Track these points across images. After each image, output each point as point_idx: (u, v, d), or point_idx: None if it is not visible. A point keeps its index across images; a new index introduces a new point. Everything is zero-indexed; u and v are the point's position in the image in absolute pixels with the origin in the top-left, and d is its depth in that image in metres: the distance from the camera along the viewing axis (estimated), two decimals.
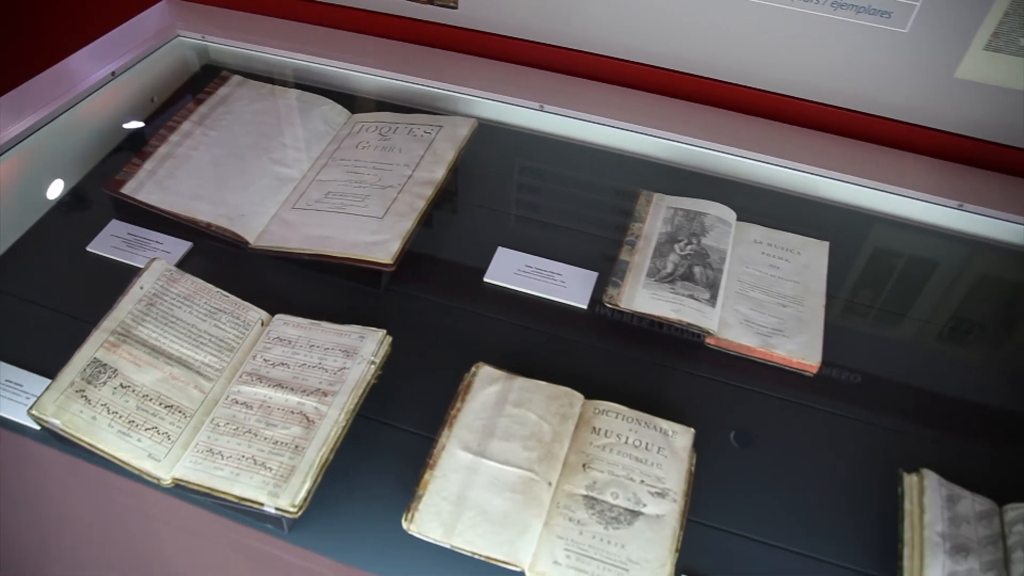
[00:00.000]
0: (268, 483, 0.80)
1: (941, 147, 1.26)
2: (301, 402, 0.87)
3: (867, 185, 1.22)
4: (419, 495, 0.80)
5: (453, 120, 1.26)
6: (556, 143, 1.31)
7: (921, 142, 1.26)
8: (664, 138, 1.27)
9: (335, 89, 1.38)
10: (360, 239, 1.06)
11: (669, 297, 1.00)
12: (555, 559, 0.76)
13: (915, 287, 1.13)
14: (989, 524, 0.83)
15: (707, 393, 0.96)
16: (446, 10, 1.38)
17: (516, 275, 1.06)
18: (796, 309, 1.02)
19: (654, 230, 1.09)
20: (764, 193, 1.24)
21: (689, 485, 0.83)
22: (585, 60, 1.35)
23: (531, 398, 0.87)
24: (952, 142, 1.25)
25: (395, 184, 1.14)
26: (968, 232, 1.20)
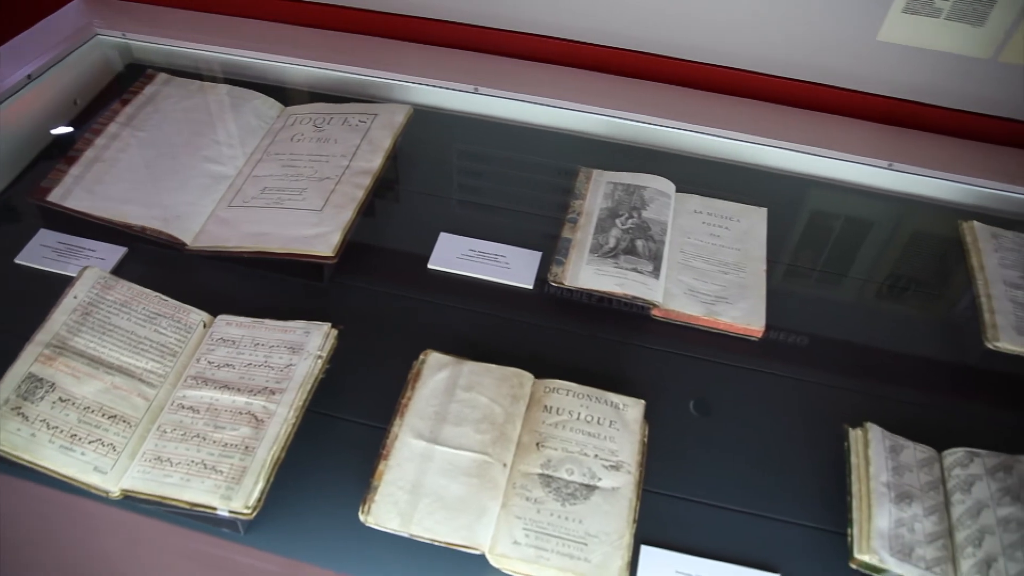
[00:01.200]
0: (220, 486, 0.79)
1: (868, 109, 1.28)
2: (249, 402, 0.86)
3: (800, 150, 1.24)
4: (374, 486, 0.79)
5: (388, 108, 1.25)
6: (493, 125, 1.30)
7: (849, 105, 1.29)
8: (600, 114, 1.28)
9: (266, 82, 1.35)
10: (300, 233, 1.04)
11: (613, 272, 1.01)
12: (514, 539, 0.77)
13: (851, 247, 1.15)
14: (930, 470, 0.86)
15: (656, 364, 0.98)
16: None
17: (460, 260, 1.06)
18: (738, 276, 1.04)
19: (595, 206, 1.10)
20: (701, 163, 1.25)
21: (643, 456, 0.84)
22: (518, 40, 1.35)
23: (481, 381, 0.87)
24: (878, 104, 1.27)
25: (332, 175, 1.13)
26: (899, 191, 1.23)
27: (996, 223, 1.14)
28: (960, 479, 0.85)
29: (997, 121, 1.25)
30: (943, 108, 1.26)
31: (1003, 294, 1.04)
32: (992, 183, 1.21)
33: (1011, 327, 1.00)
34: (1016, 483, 0.84)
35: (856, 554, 0.79)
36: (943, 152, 1.24)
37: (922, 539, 0.80)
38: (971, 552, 0.79)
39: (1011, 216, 1.20)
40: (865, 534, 0.80)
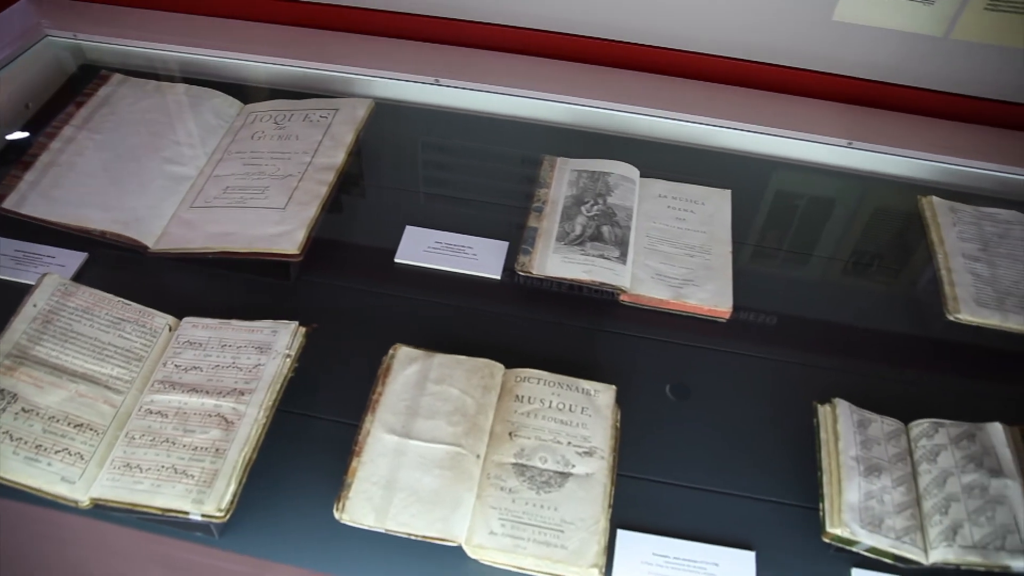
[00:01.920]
0: (191, 491, 0.78)
1: (826, 89, 1.30)
2: (218, 404, 0.85)
3: (761, 131, 1.25)
4: (348, 483, 0.79)
5: (349, 102, 1.24)
6: (456, 116, 1.30)
7: (807, 85, 1.30)
8: (562, 102, 1.28)
9: (224, 80, 1.33)
10: (264, 232, 1.03)
11: (580, 259, 1.01)
12: (491, 530, 0.77)
13: (815, 226, 1.17)
14: (897, 442, 0.88)
15: (626, 349, 0.98)
16: None
17: (426, 252, 1.05)
18: (704, 258, 1.05)
19: (560, 194, 1.10)
20: (664, 148, 1.26)
21: (616, 441, 0.85)
22: (478, 31, 1.34)
23: (452, 374, 0.87)
24: (836, 83, 1.29)
25: (295, 172, 1.12)
26: (859, 169, 1.25)
27: (954, 198, 1.16)
28: (926, 449, 0.87)
29: (951, 97, 1.27)
30: (899, 86, 1.27)
31: (962, 267, 1.06)
32: (949, 159, 1.23)
33: (971, 299, 1.02)
34: (979, 450, 0.86)
35: (828, 528, 0.80)
36: (901, 129, 1.26)
37: (891, 510, 0.82)
38: (938, 520, 0.81)
39: (968, 190, 1.22)
40: (836, 508, 0.81)
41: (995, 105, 1.26)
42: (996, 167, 1.23)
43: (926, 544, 0.80)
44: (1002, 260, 1.08)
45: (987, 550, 0.78)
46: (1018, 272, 1.06)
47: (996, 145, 1.25)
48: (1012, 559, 0.77)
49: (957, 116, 1.28)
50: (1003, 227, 1.12)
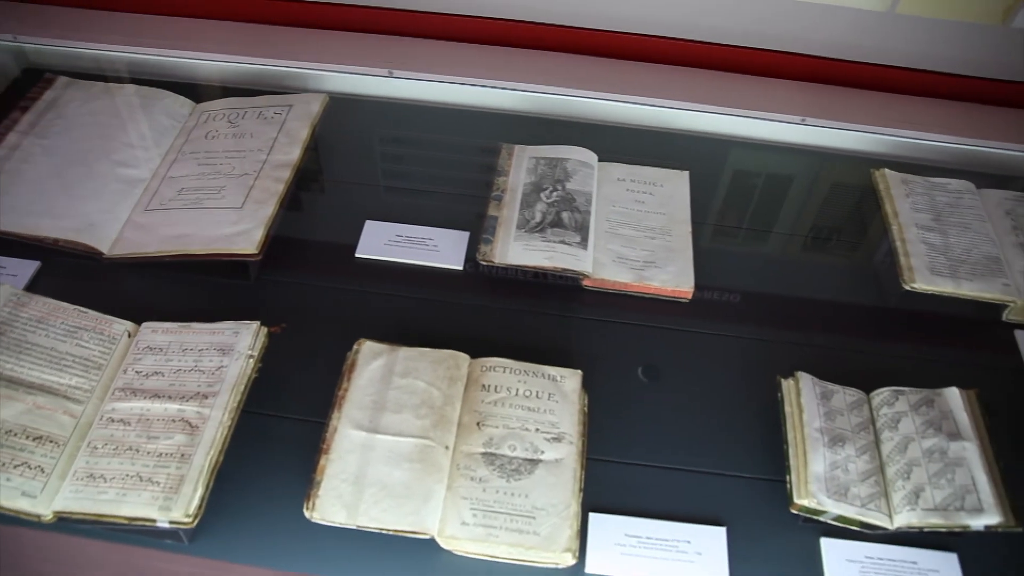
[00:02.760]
0: (158, 498, 0.77)
1: (779, 67, 1.31)
2: (181, 409, 0.84)
3: (717, 111, 1.26)
4: (317, 481, 0.79)
5: (303, 98, 1.22)
6: (411, 108, 1.29)
7: (759, 64, 1.31)
8: (518, 89, 1.27)
9: (175, 80, 1.30)
10: (221, 232, 1.02)
11: (541, 246, 1.01)
12: (462, 520, 0.77)
13: (772, 203, 1.18)
14: (860, 412, 0.89)
15: (590, 334, 0.99)
16: None
17: (387, 246, 1.05)
18: (665, 240, 1.06)
19: (519, 182, 1.10)
20: (621, 131, 1.26)
21: (584, 426, 0.86)
22: (430, 21, 1.33)
23: (417, 366, 0.87)
24: (786, 61, 1.30)
25: (251, 171, 1.10)
26: (813, 144, 1.26)
27: (906, 170, 1.18)
28: (887, 417, 0.88)
29: (898, 71, 1.29)
30: (848, 62, 1.29)
31: (916, 237, 1.08)
32: (900, 131, 1.25)
33: (925, 268, 1.04)
34: (938, 415, 0.87)
35: (796, 499, 0.82)
36: (852, 105, 1.28)
37: (856, 478, 0.83)
38: (901, 485, 0.83)
39: (919, 162, 1.24)
40: (803, 479, 0.83)
41: (941, 78, 1.29)
42: (945, 138, 1.25)
43: (891, 509, 0.82)
44: (954, 229, 1.10)
45: (948, 511, 0.80)
46: (969, 240, 1.09)
47: (945, 117, 1.27)
48: (971, 518, 0.79)
49: (905, 89, 1.30)
50: (954, 196, 1.15)
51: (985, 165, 1.25)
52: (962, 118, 1.27)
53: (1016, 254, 1.07)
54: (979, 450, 0.84)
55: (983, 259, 1.06)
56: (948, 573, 0.80)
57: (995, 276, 1.04)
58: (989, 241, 1.09)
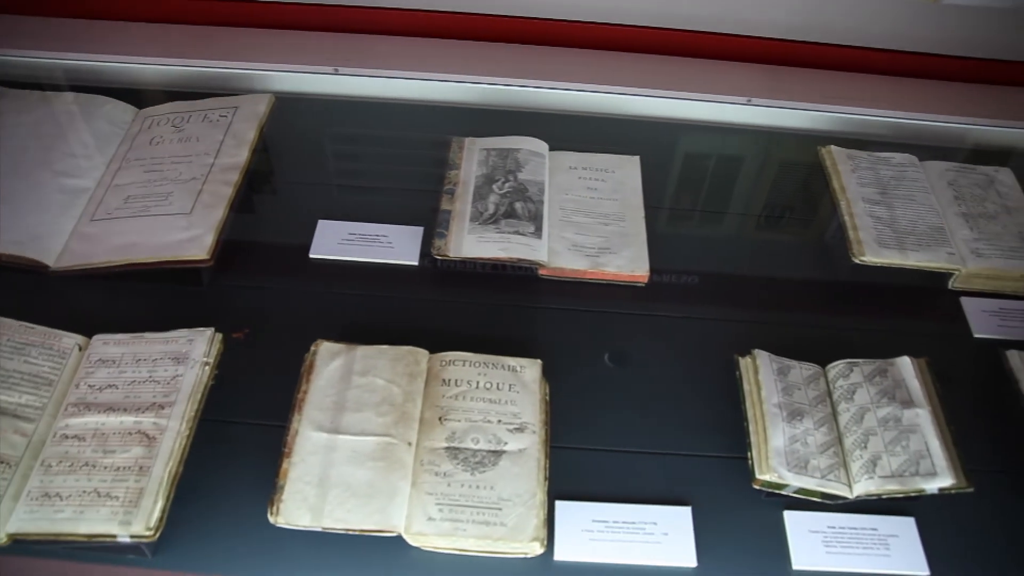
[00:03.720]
0: (117, 512, 0.76)
1: (721, 49, 1.32)
2: (138, 420, 0.82)
3: (664, 96, 1.27)
4: (280, 485, 0.78)
5: (249, 99, 1.21)
6: (359, 104, 1.28)
7: (703, 47, 1.32)
8: (466, 82, 1.27)
9: (115, 86, 1.27)
10: (170, 239, 1.00)
11: (495, 237, 1.01)
12: (429, 516, 0.77)
13: (723, 184, 1.19)
14: (817, 385, 0.91)
15: (549, 322, 0.99)
16: None
17: (341, 245, 1.04)
18: (619, 225, 1.06)
19: (470, 175, 1.10)
20: (571, 119, 1.27)
21: (546, 415, 0.86)
22: (373, 15, 1.32)
23: (376, 364, 0.87)
24: (732, 43, 1.31)
25: (198, 175, 1.09)
26: (760, 124, 1.28)
27: (851, 145, 1.20)
28: (843, 389, 0.90)
29: (838, 49, 1.31)
30: (791, 41, 1.31)
31: (864, 211, 1.10)
32: (843, 108, 1.27)
33: (873, 241, 1.06)
34: (891, 384, 0.89)
35: (757, 475, 0.83)
36: (796, 84, 1.30)
37: (815, 450, 0.85)
38: (859, 455, 0.84)
39: (864, 137, 1.26)
40: (763, 455, 0.84)
41: (880, 54, 1.31)
42: (887, 113, 1.28)
43: (850, 479, 0.83)
44: (899, 201, 1.12)
45: (904, 477, 0.82)
46: (914, 212, 1.11)
47: (886, 92, 1.30)
48: (926, 482, 0.81)
49: (846, 67, 1.32)
50: (898, 170, 1.17)
51: (926, 138, 1.28)
52: (902, 93, 1.30)
53: (959, 223, 1.10)
54: (931, 416, 0.86)
55: (928, 230, 1.09)
56: (907, 537, 0.82)
57: (940, 246, 1.07)
58: (933, 212, 1.11)
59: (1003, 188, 1.17)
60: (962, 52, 1.32)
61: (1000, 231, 1.10)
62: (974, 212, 1.12)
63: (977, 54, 1.32)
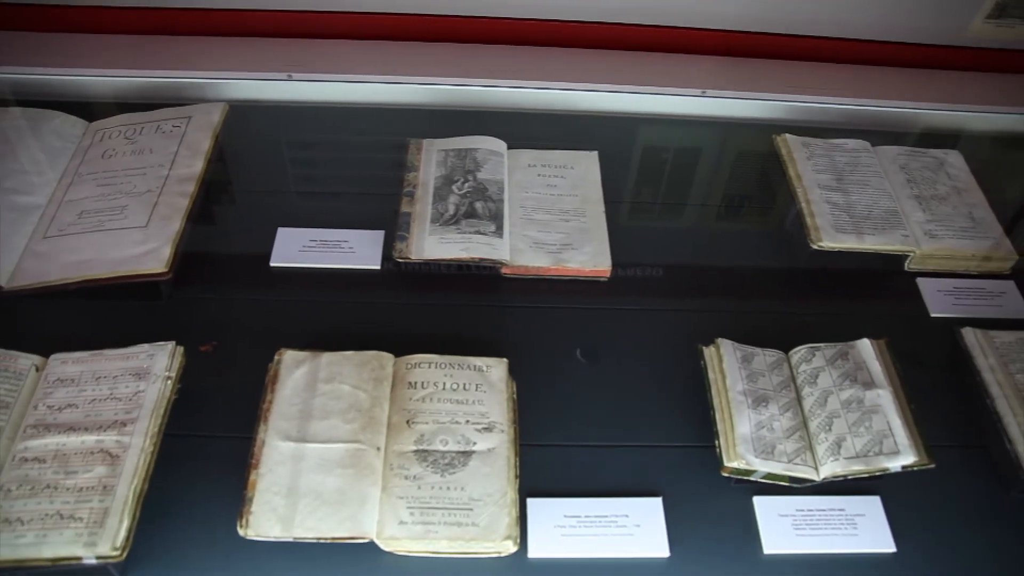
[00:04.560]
0: (82, 534, 0.74)
1: (675, 42, 1.33)
2: (100, 439, 0.81)
3: (620, 90, 1.28)
4: (249, 497, 0.77)
5: (202, 108, 1.19)
6: (315, 110, 1.27)
7: (656, 41, 1.33)
8: (421, 83, 1.27)
9: (63, 99, 1.24)
10: (127, 253, 0.99)
11: (456, 238, 1.01)
12: (400, 520, 0.77)
13: (682, 176, 1.21)
14: (780, 371, 0.92)
15: (513, 320, 0.99)
16: None
17: (302, 252, 1.03)
18: (579, 221, 1.07)
19: (429, 176, 1.09)
20: (527, 117, 1.27)
21: (514, 413, 0.86)
22: (324, 20, 1.31)
23: (341, 371, 0.86)
24: (684, 35, 1.33)
25: (153, 188, 1.07)
26: (716, 116, 1.29)
27: (805, 133, 1.22)
28: (806, 374, 0.91)
29: (790, 39, 1.33)
30: (743, 32, 1.32)
31: (820, 198, 1.12)
32: (796, 96, 1.29)
33: (830, 226, 1.08)
34: (852, 367, 0.91)
35: (726, 462, 0.84)
36: (749, 74, 1.31)
37: (781, 435, 0.86)
38: (824, 437, 0.86)
39: (817, 125, 1.28)
40: (730, 442, 0.85)
41: (830, 43, 1.33)
42: (840, 100, 1.30)
43: (816, 462, 0.85)
44: (854, 187, 1.14)
45: (868, 457, 0.83)
46: (869, 196, 1.13)
47: (837, 80, 1.32)
48: (889, 461, 0.83)
49: (797, 56, 1.34)
50: (851, 155, 1.19)
51: (878, 123, 1.30)
52: (853, 80, 1.33)
53: (912, 206, 1.12)
54: (892, 396, 0.88)
55: (883, 213, 1.11)
56: (873, 515, 0.83)
57: (895, 228, 1.09)
58: (887, 196, 1.13)
59: (953, 170, 1.19)
60: (909, 39, 1.35)
61: (951, 212, 1.12)
62: (926, 194, 1.14)
63: (923, 41, 1.35)
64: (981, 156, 1.25)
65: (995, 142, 1.34)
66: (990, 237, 1.09)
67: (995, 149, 1.33)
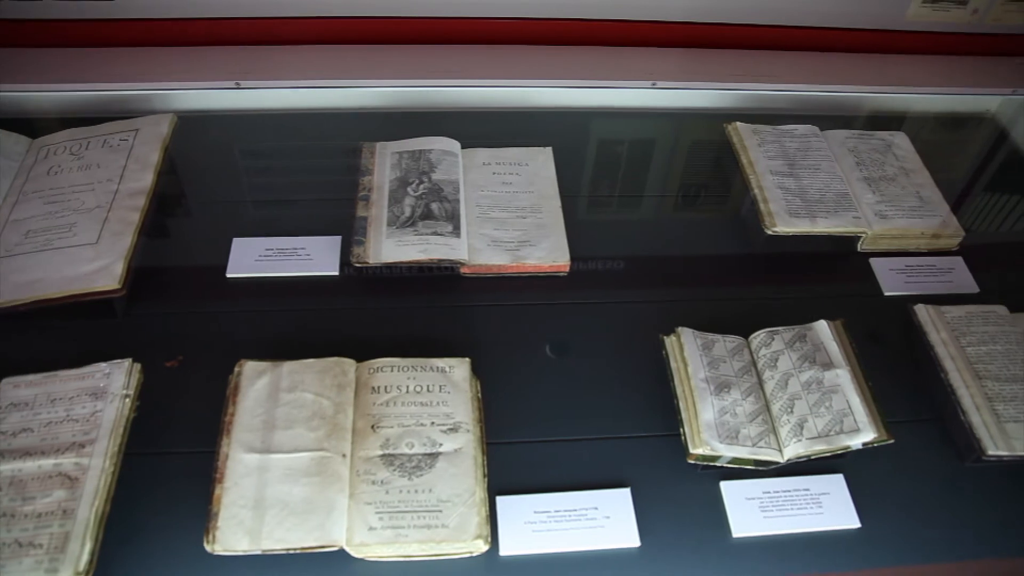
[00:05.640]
0: (42, 561, 0.72)
1: (625, 35, 1.34)
2: (58, 463, 0.79)
3: (570, 85, 1.28)
4: (214, 512, 0.76)
5: (149, 120, 1.17)
6: (266, 118, 1.25)
7: (606, 34, 1.34)
8: (371, 86, 1.26)
9: (3, 116, 1.21)
10: (78, 271, 0.97)
11: (414, 240, 1.00)
12: (369, 526, 0.76)
13: (637, 168, 1.21)
14: (741, 356, 0.93)
15: (475, 320, 0.99)
16: (101, 3, 1.25)
17: (259, 262, 1.02)
18: (536, 217, 1.07)
19: (384, 179, 1.09)
20: (479, 116, 1.27)
21: (479, 412, 0.86)
22: (270, 26, 1.29)
23: (303, 379, 0.85)
24: (632, 28, 1.34)
25: (103, 203, 1.05)
26: (666, 107, 1.30)
27: (756, 120, 1.24)
28: (767, 358, 0.93)
29: (737, 28, 1.35)
30: (691, 24, 1.34)
31: (772, 183, 1.13)
32: (745, 84, 1.31)
33: (784, 211, 1.10)
34: (811, 349, 0.92)
35: (691, 449, 0.85)
36: (698, 64, 1.33)
37: (744, 420, 0.87)
38: (786, 419, 0.87)
39: (766, 112, 1.30)
40: (695, 429, 0.86)
41: (777, 30, 1.35)
42: (788, 87, 1.32)
43: (780, 444, 0.86)
44: (805, 171, 1.16)
45: (829, 436, 0.85)
46: (820, 180, 1.15)
47: (784, 66, 1.34)
48: (850, 438, 0.84)
49: (745, 45, 1.36)
50: (802, 141, 1.21)
51: (826, 108, 1.33)
52: (800, 67, 1.35)
53: (862, 188, 1.14)
54: (850, 375, 0.89)
55: (834, 196, 1.13)
56: (837, 493, 0.85)
57: (846, 211, 1.11)
58: (838, 179, 1.15)
59: (900, 151, 1.22)
60: (851, 25, 1.37)
61: (900, 192, 1.14)
62: (875, 176, 1.17)
63: (864, 26, 1.38)
64: (925, 137, 1.29)
65: (938, 123, 1.37)
66: (938, 215, 1.12)
67: (938, 129, 1.36)
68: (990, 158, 1.31)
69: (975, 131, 1.36)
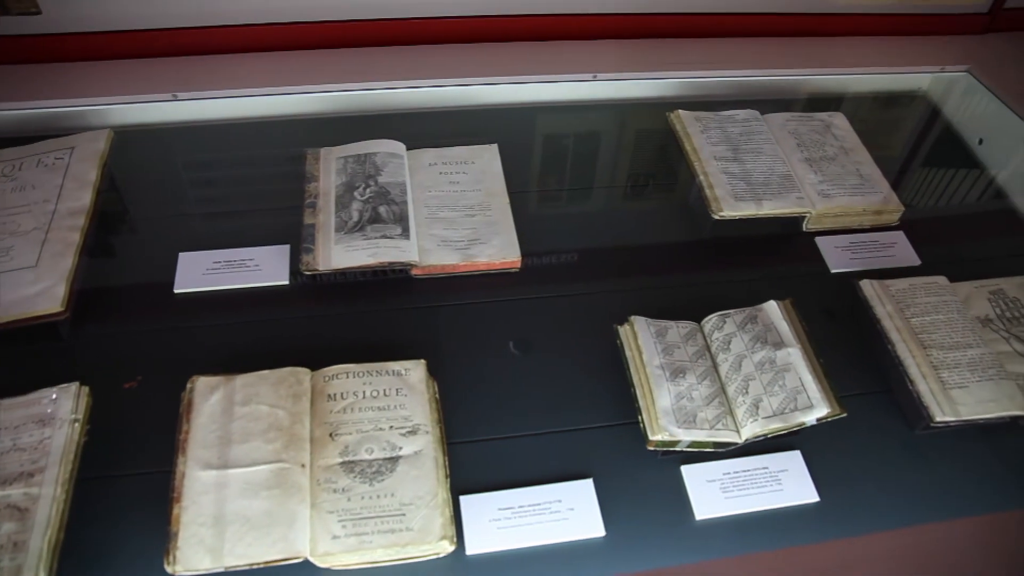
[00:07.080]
0: None
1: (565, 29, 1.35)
2: (6, 494, 0.77)
3: (511, 81, 1.29)
4: (174, 532, 0.75)
5: (85, 136, 1.14)
6: (206, 129, 1.23)
7: (548, 28, 1.35)
8: (311, 92, 1.25)
9: None
10: (18, 295, 0.94)
11: (363, 245, 1.00)
12: (333, 535, 0.75)
13: (583, 160, 1.22)
14: (694, 341, 0.95)
15: (429, 321, 0.99)
16: (28, 17, 1.22)
17: (207, 275, 1.00)
18: (485, 215, 1.07)
19: (330, 185, 1.08)
20: (423, 116, 1.27)
21: (438, 413, 0.86)
22: (205, 36, 1.27)
23: (257, 391, 0.84)
24: (573, 22, 1.34)
25: (40, 224, 1.02)
26: (609, 99, 1.31)
27: (697, 107, 1.25)
28: (720, 341, 0.94)
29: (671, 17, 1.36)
30: (630, 15, 1.35)
31: (717, 169, 1.15)
32: (684, 72, 1.32)
33: (729, 196, 1.11)
34: (762, 329, 0.94)
35: (650, 436, 0.86)
36: (638, 54, 1.34)
37: (701, 404, 0.88)
38: (742, 400, 0.88)
39: (707, 99, 1.32)
40: (653, 416, 0.87)
41: (712, 18, 1.37)
42: (726, 73, 1.34)
43: (737, 425, 0.87)
44: (748, 155, 1.18)
45: (785, 414, 0.86)
46: (763, 163, 1.17)
47: (721, 53, 1.36)
48: (804, 415, 0.86)
49: (680, 33, 1.38)
50: (743, 125, 1.23)
51: (765, 92, 1.35)
52: (737, 52, 1.37)
53: (804, 169, 1.16)
54: (802, 353, 0.91)
55: (778, 178, 1.15)
56: (795, 469, 0.86)
57: (790, 192, 1.13)
58: (780, 161, 1.18)
59: (838, 131, 1.24)
60: (785, 9, 1.40)
61: (841, 171, 1.17)
62: (816, 156, 1.19)
63: (798, 10, 1.40)
64: (862, 116, 1.32)
65: (874, 102, 1.40)
66: (878, 192, 1.15)
67: (874, 109, 1.39)
68: (924, 134, 1.35)
69: (909, 109, 1.40)
